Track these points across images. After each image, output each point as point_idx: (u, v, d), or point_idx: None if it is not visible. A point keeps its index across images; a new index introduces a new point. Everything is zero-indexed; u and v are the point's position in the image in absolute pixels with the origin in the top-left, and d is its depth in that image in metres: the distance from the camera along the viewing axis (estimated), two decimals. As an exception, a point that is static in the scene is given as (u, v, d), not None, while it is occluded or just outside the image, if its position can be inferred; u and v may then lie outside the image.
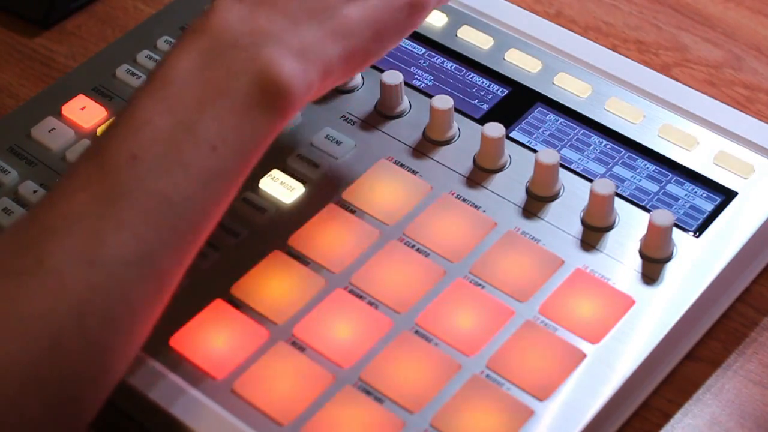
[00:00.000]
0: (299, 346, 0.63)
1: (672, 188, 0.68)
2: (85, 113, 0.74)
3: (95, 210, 0.55)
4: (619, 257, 0.65)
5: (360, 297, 0.64)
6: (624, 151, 0.70)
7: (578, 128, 0.71)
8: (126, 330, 0.55)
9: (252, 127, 0.58)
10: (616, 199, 0.67)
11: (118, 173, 0.55)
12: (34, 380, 0.53)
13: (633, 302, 0.63)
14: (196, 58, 0.58)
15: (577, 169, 0.69)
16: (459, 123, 0.72)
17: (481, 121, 0.71)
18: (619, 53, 0.76)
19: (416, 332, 0.63)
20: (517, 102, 0.73)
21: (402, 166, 0.70)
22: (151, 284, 0.56)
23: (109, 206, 0.55)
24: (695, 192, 0.68)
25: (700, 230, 0.66)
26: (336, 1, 0.61)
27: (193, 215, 0.57)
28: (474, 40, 0.76)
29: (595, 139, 0.71)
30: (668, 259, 0.65)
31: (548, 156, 0.67)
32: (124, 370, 0.57)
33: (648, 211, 0.67)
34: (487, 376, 0.61)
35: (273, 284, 0.65)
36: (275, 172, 0.70)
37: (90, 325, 0.54)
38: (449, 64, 0.75)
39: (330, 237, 0.67)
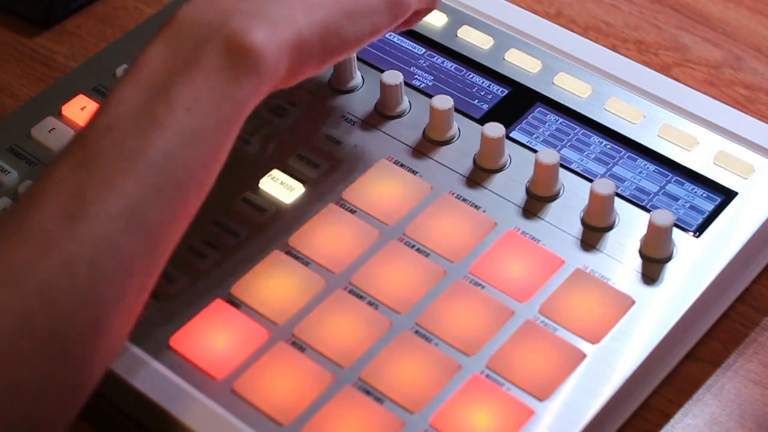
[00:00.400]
0: (299, 346, 0.63)
1: (672, 188, 0.68)
2: (85, 113, 0.74)
3: (75, 174, 0.56)
4: (619, 257, 0.65)
5: (360, 297, 0.64)
6: (624, 151, 0.70)
7: (578, 128, 0.71)
8: (118, 282, 0.55)
9: (226, 88, 0.58)
10: (616, 199, 0.67)
11: (95, 142, 0.56)
12: (28, 330, 0.53)
13: (633, 302, 0.63)
14: (163, 44, 0.59)
15: (577, 169, 0.69)
16: (459, 123, 0.72)
17: (481, 121, 0.71)
18: (619, 53, 0.76)
19: (416, 332, 0.63)
20: (517, 102, 0.73)
21: (402, 166, 0.70)
22: (138, 237, 0.56)
23: (88, 170, 0.56)
24: (695, 192, 0.68)
25: (700, 230, 0.66)
26: None
27: (176, 174, 0.57)
28: (474, 40, 0.76)
29: (595, 139, 0.71)
30: (668, 259, 0.65)
31: (548, 156, 0.67)
32: (123, 333, 0.57)
33: (648, 211, 0.67)
34: (487, 376, 0.61)
35: (273, 284, 0.65)
36: (275, 172, 0.70)
37: (79, 275, 0.54)
38: (449, 64, 0.75)
39: (330, 237, 0.67)
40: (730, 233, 0.65)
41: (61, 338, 0.54)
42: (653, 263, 0.64)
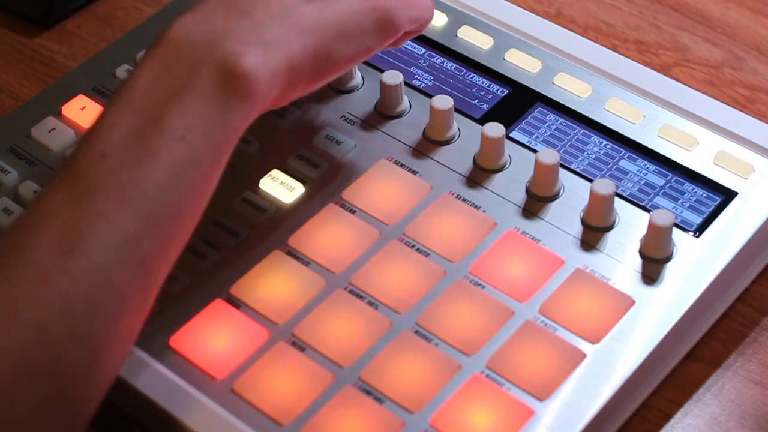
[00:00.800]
0: (299, 346, 0.63)
1: (672, 188, 0.68)
2: (85, 113, 0.74)
3: (70, 206, 0.55)
4: (619, 257, 0.65)
5: (360, 297, 0.64)
6: (624, 151, 0.70)
7: (578, 128, 0.71)
8: (113, 318, 0.55)
9: (219, 114, 0.58)
10: (616, 199, 0.67)
11: (88, 171, 0.56)
12: (24, 368, 0.53)
13: (633, 302, 0.63)
14: (156, 64, 0.59)
15: (577, 169, 0.69)
16: (459, 123, 0.72)
17: (481, 121, 0.71)
18: (619, 53, 0.76)
19: (416, 332, 0.63)
20: (517, 102, 0.73)
21: (402, 166, 0.70)
22: (134, 270, 0.56)
23: (83, 201, 0.55)
24: (695, 192, 0.68)
25: (700, 230, 0.66)
26: (293, 2, 0.61)
27: (170, 204, 0.57)
28: (474, 40, 0.76)
29: (595, 139, 0.71)
30: (668, 259, 0.65)
31: (548, 156, 0.67)
32: (117, 365, 0.57)
33: (648, 211, 0.67)
34: (487, 376, 0.61)
35: (273, 284, 0.65)
36: (275, 172, 0.70)
37: (75, 313, 0.54)
38: (449, 64, 0.75)
39: (330, 237, 0.67)
40: (730, 233, 0.65)
41: (57, 375, 0.54)
42: (653, 263, 0.64)
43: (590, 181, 0.68)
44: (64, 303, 0.54)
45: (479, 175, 0.69)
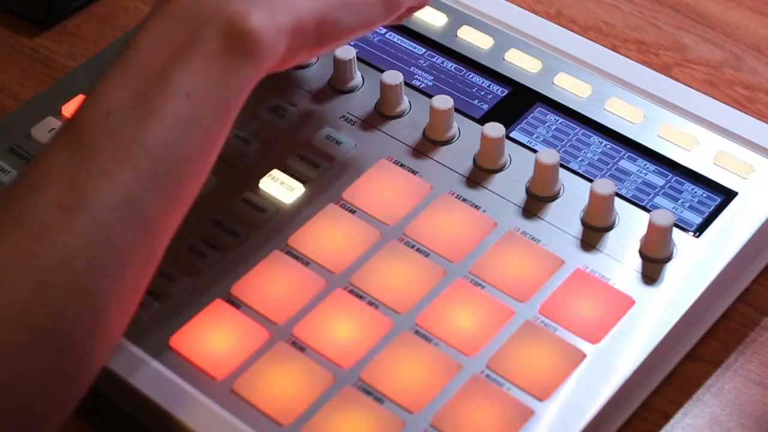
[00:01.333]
0: (299, 346, 0.63)
1: (672, 188, 0.68)
2: (85, 113, 0.74)
3: (72, 164, 0.55)
4: (619, 257, 0.65)
5: (360, 297, 0.64)
6: (624, 151, 0.70)
7: (578, 128, 0.71)
8: (116, 275, 0.55)
9: (224, 74, 0.58)
10: (616, 199, 0.67)
11: (92, 129, 0.56)
12: (25, 326, 0.52)
13: (633, 302, 0.63)
14: (160, 23, 0.58)
15: (577, 169, 0.69)
16: (459, 123, 0.72)
17: (481, 121, 0.71)
18: (619, 53, 0.76)
19: (416, 332, 0.63)
20: (517, 102, 0.73)
21: (402, 166, 0.70)
22: (136, 229, 0.55)
23: (86, 159, 0.55)
24: (695, 192, 0.68)
25: (700, 230, 0.66)
26: None
27: (175, 163, 0.57)
28: (474, 40, 0.76)
29: (595, 139, 0.71)
30: (668, 259, 0.65)
31: (548, 156, 0.67)
32: (121, 325, 0.57)
33: (648, 211, 0.67)
34: (487, 376, 0.61)
35: (273, 284, 0.65)
36: (275, 172, 0.70)
37: (77, 269, 0.54)
38: (449, 64, 0.75)
39: (330, 237, 0.67)
40: (730, 233, 0.65)
41: (59, 332, 0.53)
42: (653, 263, 0.64)
43: (590, 181, 0.68)
44: (66, 260, 0.53)
45: (479, 175, 0.69)
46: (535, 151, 0.70)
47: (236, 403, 0.61)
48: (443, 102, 0.70)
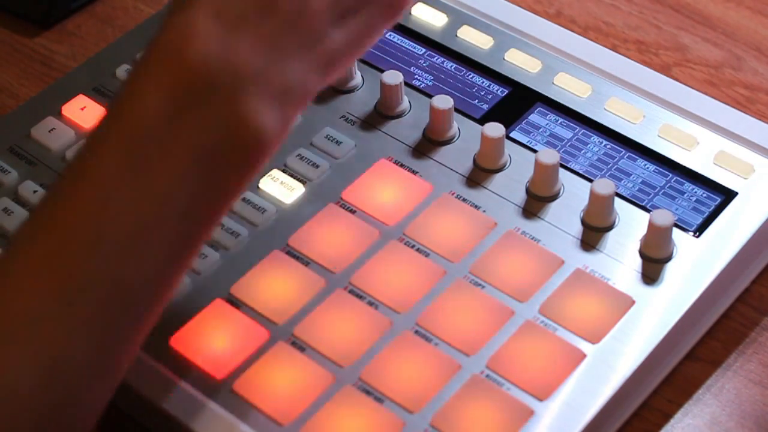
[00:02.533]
0: (299, 346, 0.63)
1: (672, 188, 0.68)
2: (85, 113, 0.74)
3: (53, 310, 0.51)
4: (619, 257, 0.65)
5: (360, 297, 0.64)
6: (624, 151, 0.70)
7: (578, 128, 0.71)
8: (78, 427, 0.53)
9: (223, 186, 0.54)
10: (616, 199, 0.67)
11: (79, 261, 0.52)
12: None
13: (633, 302, 0.63)
14: (165, 99, 0.52)
15: (577, 169, 0.69)
16: (459, 123, 0.72)
17: (481, 121, 0.71)
18: (619, 53, 0.76)
19: (416, 332, 0.63)
20: (517, 102, 0.73)
21: (402, 166, 0.70)
22: (102, 383, 0.54)
23: (68, 305, 0.52)
24: (695, 192, 0.68)
25: (700, 230, 0.66)
26: (321, 24, 0.55)
27: (150, 297, 0.54)
28: (474, 40, 0.76)
29: (595, 139, 0.71)
30: (668, 259, 0.65)
31: (548, 156, 0.67)
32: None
33: (648, 211, 0.67)
34: (487, 376, 0.61)
35: (273, 284, 0.65)
36: (275, 172, 0.70)
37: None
38: (449, 64, 0.75)
39: (330, 237, 0.67)
40: (730, 233, 0.65)
41: None
42: (653, 263, 0.64)
43: (590, 181, 0.68)
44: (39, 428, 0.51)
45: (479, 175, 0.69)
46: (535, 151, 0.70)
47: (236, 403, 0.61)
48: (443, 102, 0.70)
